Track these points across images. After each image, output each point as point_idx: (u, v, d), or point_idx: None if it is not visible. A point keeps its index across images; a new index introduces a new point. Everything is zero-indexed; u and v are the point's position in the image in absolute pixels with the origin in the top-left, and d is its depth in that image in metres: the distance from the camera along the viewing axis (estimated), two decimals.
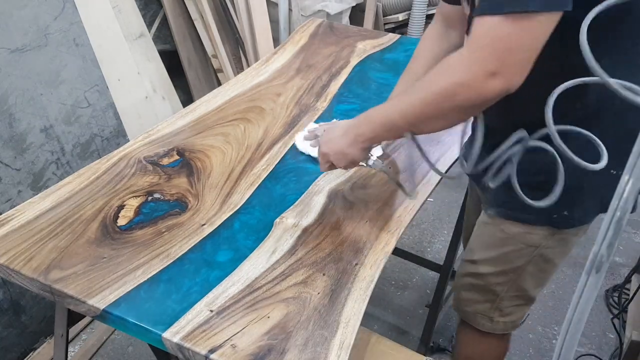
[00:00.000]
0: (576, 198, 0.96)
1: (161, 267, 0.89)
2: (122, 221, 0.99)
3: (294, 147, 1.23)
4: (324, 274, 0.89)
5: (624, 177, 0.28)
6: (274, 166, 1.16)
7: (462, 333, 1.27)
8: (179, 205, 1.03)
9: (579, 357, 1.79)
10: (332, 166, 1.00)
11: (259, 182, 1.11)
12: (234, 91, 1.45)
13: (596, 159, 0.88)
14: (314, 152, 1.16)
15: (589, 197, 0.96)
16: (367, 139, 0.91)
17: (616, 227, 0.30)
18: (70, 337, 1.11)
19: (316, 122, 1.31)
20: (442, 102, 0.77)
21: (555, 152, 0.78)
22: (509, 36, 0.70)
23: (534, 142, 0.80)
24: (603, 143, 0.88)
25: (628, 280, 2.02)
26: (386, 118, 0.87)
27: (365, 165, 1.02)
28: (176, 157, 1.18)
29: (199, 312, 0.81)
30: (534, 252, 1.04)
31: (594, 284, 0.34)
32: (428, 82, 0.81)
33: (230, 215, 1.02)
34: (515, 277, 1.08)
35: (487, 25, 0.72)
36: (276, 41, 2.38)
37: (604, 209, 0.99)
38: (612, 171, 0.92)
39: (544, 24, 0.71)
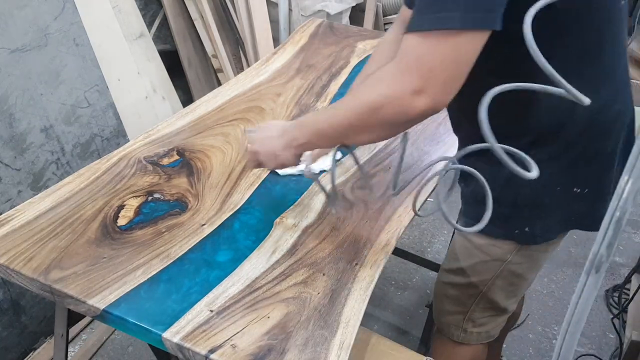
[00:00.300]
0: (536, 215, 0.94)
1: (161, 267, 0.89)
2: (122, 221, 0.99)
3: None
4: (324, 274, 0.89)
5: (624, 177, 0.28)
6: None
7: (438, 342, 1.25)
8: (179, 205, 1.03)
9: (579, 357, 1.79)
10: (260, 165, 0.97)
11: (259, 182, 1.11)
12: (234, 91, 1.45)
13: (551, 176, 0.88)
14: None
15: (550, 214, 0.95)
16: (300, 144, 0.89)
17: (615, 227, 0.30)
18: (70, 337, 1.11)
19: None
20: (368, 115, 0.76)
21: (481, 175, 0.77)
22: (433, 54, 0.69)
23: (457, 166, 0.78)
24: (562, 162, 0.88)
25: (628, 280, 2.02)
26: (318, 125, 0.86)
27: (295, 171, 0.98)
28: (176, 157, 1.18)
29: (199, 312, 0.81)
30: (501, 266, 1.02)
31: (594, 284, 0.34)
32: (357, 93, 0.80)
33: (230, 215, 1.02)
34: (485, 290, 1.07)
35: (412, 42, 0.70)
36: (276, 41, 2.38)
37: (574, 225, 0.97)
38: (575, 189, 0.91)
39: (469, 43, 0.69)
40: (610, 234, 0.30)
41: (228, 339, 0.77)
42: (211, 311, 0.81)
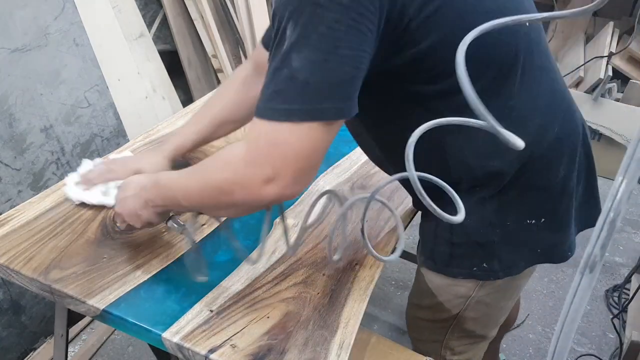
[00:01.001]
0: (491, 252, 0.90)
1: (161, 267, 0.89)
2: None
3: None
4: (324, 274, 0.90)
5: (618, 178, 0.28)
6: None
7: None
8: None
9: (579, 357, 1.79)
10: (130, 226, 0.91)
11: None
12: None
13: (496, 212, 0.86)
14: (89, 197, 1.03)
15: (507, 250, 0.90)
16: (157, 205, 0.84)
17: (609, 228, 0.30)
18: (70, 337, 1.11)
19: None
20: (219, 197, 0.74)
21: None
22: (284, 145, 0.66)
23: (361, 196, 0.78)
24: (505, 198, 0.85)
25: (628, 280, 2.02)
26: (173, 193, 0.81)
27: (166, 224, 0.93)
28: None
29: (198, 312, 0.81)
30: (467, 300, 0.97)
31: (588, 284, 0.35)
32: (207, 172, 0.76)
33: None
34: (456, 322, 1.02)
35: (263, 130, 0.67)
36: None
37: (544, 259, 0.93)
38: (528, 221, 0.87)
39: (316, 134, 0.66)
40: (604, 235, 0.30)
41: (228, 339, 0.77)
42: (211, 311, 0.81)
